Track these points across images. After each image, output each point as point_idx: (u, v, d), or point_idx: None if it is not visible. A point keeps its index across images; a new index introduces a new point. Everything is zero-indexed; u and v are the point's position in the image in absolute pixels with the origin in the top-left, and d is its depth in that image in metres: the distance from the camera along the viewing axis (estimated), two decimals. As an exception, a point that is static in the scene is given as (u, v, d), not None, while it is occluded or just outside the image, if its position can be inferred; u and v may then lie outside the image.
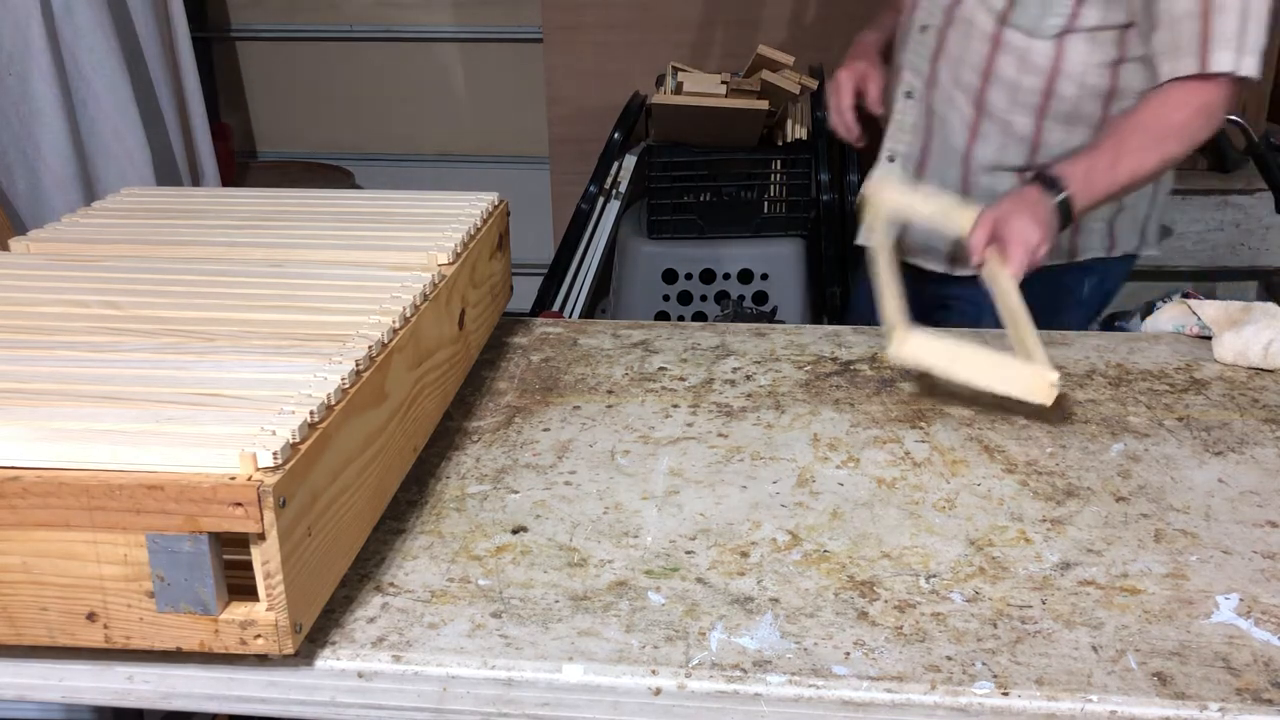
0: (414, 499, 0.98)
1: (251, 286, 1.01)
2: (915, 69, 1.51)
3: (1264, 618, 0.81)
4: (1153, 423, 1.12)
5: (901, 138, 1.54)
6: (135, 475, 0.70)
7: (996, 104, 1.45)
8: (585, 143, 2.94)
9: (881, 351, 1.30)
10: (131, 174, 2.12)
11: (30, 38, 1.94)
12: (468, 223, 1.19)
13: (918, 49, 1.50)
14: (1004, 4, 1.40)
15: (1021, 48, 1.41)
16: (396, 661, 0.77)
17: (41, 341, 0.89)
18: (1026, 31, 1.40)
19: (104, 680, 0.78)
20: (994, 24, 1.41)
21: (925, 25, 1.48)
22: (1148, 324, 1.39)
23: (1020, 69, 1.41)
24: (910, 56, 1.51)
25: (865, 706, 0.75)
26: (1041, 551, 0.90)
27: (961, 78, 1.46)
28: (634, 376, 1.24)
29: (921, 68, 1.50)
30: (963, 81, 1.46)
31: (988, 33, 1.42)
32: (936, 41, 1.47)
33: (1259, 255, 2.27)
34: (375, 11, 3.46)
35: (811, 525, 0.94)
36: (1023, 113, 1.44)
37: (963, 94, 1.46)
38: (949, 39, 1.46)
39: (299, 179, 3.18)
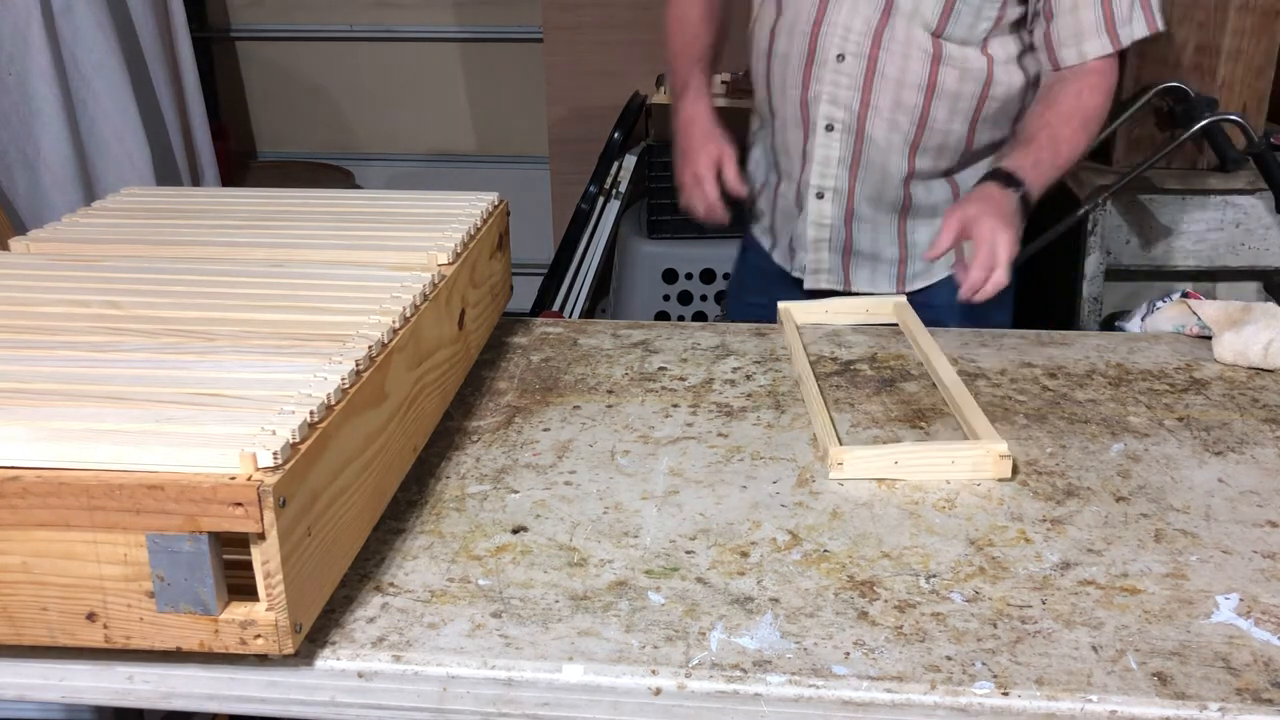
0: (414, 499, 0.98)
1: (251, 286, 1.01)
2: (835, 100, 1.44)
3: (1264, 618, 0.81)
4: (1153, 423, 1.12)
5: (829, 172, 1.48)
6: (135, 475, 0.70)
7: (938, 118, 1.43)
8: (585, 143, 2.94)
9: (882, 352, 1.30)
10: (131, 174, 2.12)
11: (30, 38, 1.94)
12: (468, 223, 1.19)
13: (835, 79, 1.43)
14: (938, 18, 1.38)
15: (959, 58, 1.40)
16: (396, 661, 0.77)
17: (42, 341, 0.89)
18: (961, 41, 1.40)
19: (104, 680, 0.78)
20: (929, 39, 1.39)
21: (842, 54, 1.41)
22: (1148, 324, 1.39)
23: (961, 79, 1.41)
24: (825, 88, 1.43)
25: (865, 706, 0.75)
26: (1041, 551, 0.90)
27: (903, 99, 1.42)
28: (634, 376, 1.24)
29: (843, 97, 1.43)
30: (904, 103, 1.42)
31: (926, 49, 1.39)
32: (864, 68, 1.41)
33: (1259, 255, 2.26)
34: (375, 11, 3.46)
35: (811, 525, 0.94)
36: (961, 120, 1.45)
37: (905, 115, 1.43)
38: (882, 62, 1.40)
39: (299, 179, 3.18)
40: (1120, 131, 2.29)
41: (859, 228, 1.52)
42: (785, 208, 1.57)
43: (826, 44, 1.42)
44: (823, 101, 1.44)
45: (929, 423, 1.12)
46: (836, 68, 1.42)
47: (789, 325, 1.34)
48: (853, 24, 1.40)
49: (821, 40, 1.42)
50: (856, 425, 1.12)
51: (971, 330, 1.37)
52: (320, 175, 3.29)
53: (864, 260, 1.54)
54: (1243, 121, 2.15)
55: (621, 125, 2.75)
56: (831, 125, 1.46)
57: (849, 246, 1.53)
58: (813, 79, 1.44)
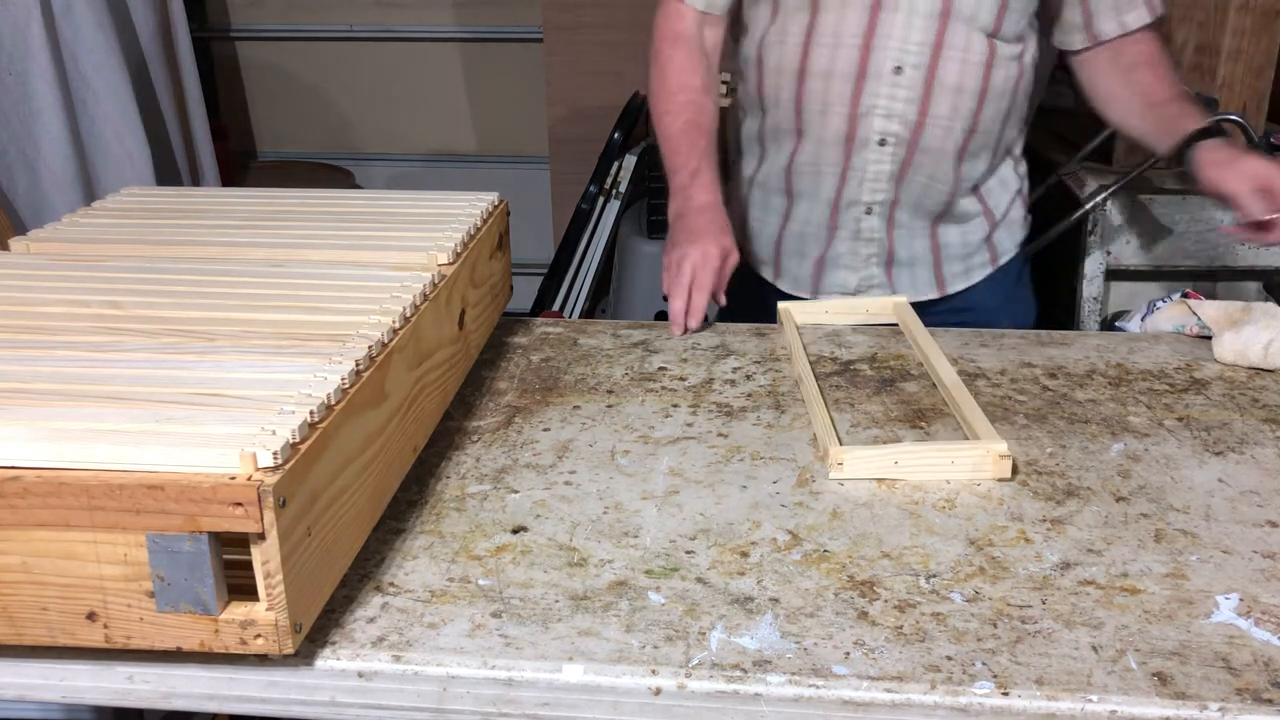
0: (414, 499, 0.98)
1: (251, 286, 1.01)
2: (890, 114, 1.39)
3: (1264, 618, 0.81)
4: (1153, 423, 1.12)
5: (879, 187, 1.44)
6: (135, 475, 0.70)
7: (986, 119, 1.42)
8: (585, 143, 2.94)
9: (882, 352, 1.30)
10: (131, 174, 2.12)
11: (30, 38, 1.94)
12: (468, 223, 1.19)
13: (892, 93, 1.38)
14: (994, 18, 1.36)
15: (1007, 56, 1.40)
16: (396, 661, 0.77)
17: (42, 341, 0.89)
18: (1009, 39, 1.39)
19: (104, 680, 0.78)
20: (985, 41, 1.37)
21: (899, 66, 1.36)
22: (1148, 324, 1.39)
23: (1006, 78, 1.41)
24: (880, 102, 1.38)
25: (865, 706, 0.75)
26: (1041, 551, 0.90)
27: (960, 106, 1.39)
28: (634, 376, 1.24)
29: (900, 110, 1.39)
30: (960, 110, 1.39)
31: (983, 51, 1.37)
32: (924, 78, 1.37)
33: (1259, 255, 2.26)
34: (375, 11, 3.47)
35: (811, 525, 0.94)
36: (1000, 120, 1.44)
37: (959, 122, 1.40)
38: (942, 71, 1.37)
39: (299, 179, 3.18)
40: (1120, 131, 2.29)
41: (898, 236, 1.48)
42: (805, 231, 1.51)
43: (881, 57, 1.36)
44: (876, 116, 1.39)
45: (929, 423, 1.12)
46: (893, 80, 1.37)
47: (789, 325, 1.34)
48: (909, 35, 1.35)
49: (875, 54, 1.36)
50: (856, 425, 1.12)
51: (971, 330, 1.37)
52: (320, 175, 3.29)
53: (903, 267, 1.51)
54: (1243, 121, 2.15)
55: (621, 125, 2.75)
56: (885, 140, 1.41)
57: (890, 257, 1.50)
58: (864, 93, 1.38)
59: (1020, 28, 1.39)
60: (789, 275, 1.55)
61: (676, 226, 1.41)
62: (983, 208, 1.51)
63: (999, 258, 1.55)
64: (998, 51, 1.38)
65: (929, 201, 1.46)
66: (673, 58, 1.49)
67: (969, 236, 1.51)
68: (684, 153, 1.44)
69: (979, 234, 1.52)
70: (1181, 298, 1.38)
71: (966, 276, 1.53)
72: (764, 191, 1.54)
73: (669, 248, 1.39)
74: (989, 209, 1.51)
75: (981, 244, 1.53)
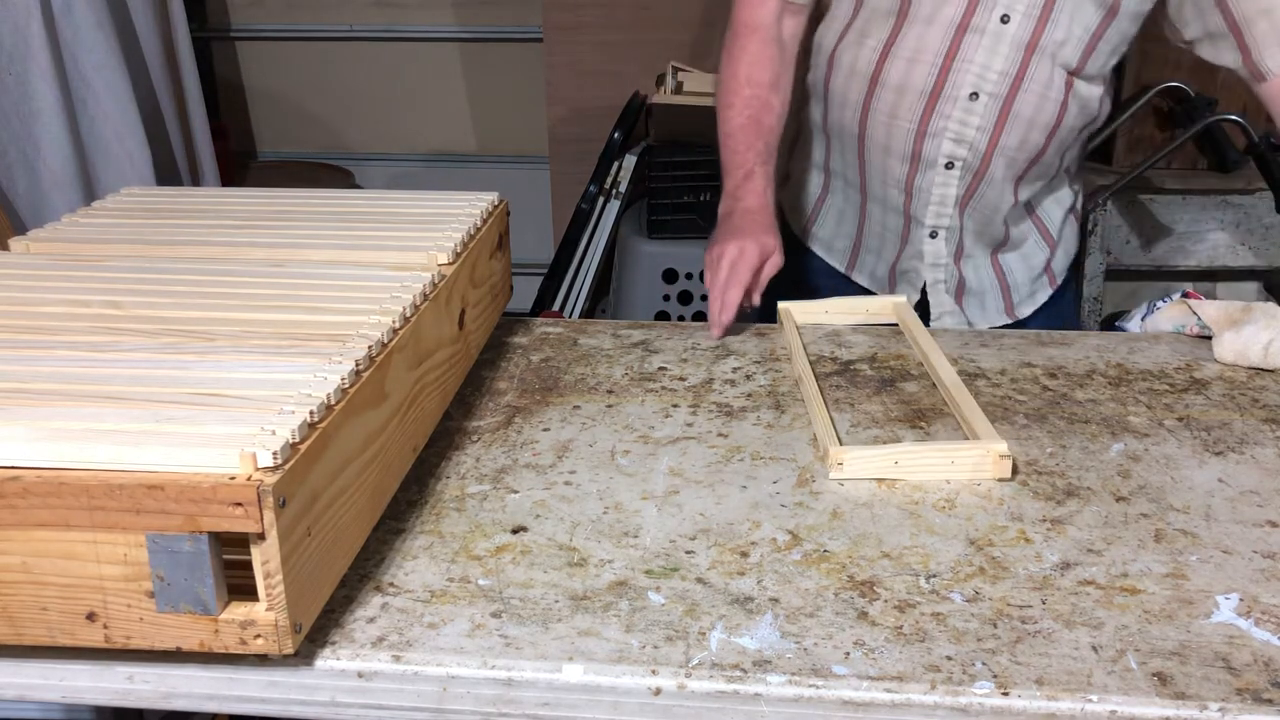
0: (414, 499, 0.98)
1: (251, 286, 1.01)
2: (961, 139, 1.37)
3: (1264, 618, 0.81)
4: (1153, 423, 1.12)
5: (945, 212, 1.42)
6: (135, 475, 0.70)
7: (1051, 154, 1.40)
8: (585, 143, 2.94)
9: (882, 352, 1.30)
10: (131, 174, 2.12)
11: (30, 38, 1.94)
12: (468, 223, 1.19)
13: (965, 118, 1.35)
14: (1079, 57, 1.33)
15: (1085, 95, 1.37)
16: (396, 661, 0.77)
17: (42, 341, 0.89)
18: (1089, 78, 1.36)
19: (104, 680, 0.78)
20: (1065, 77, 1.34)
21: (976, 93, 1.34)
22: (1148, 324, 1.39)
23: (1079, 114, 1.38)
24: (952, 125, 1.36)
25: (865, 706, 0.75)
26: (1041, 551, 0.90)
27: (1030, 139, 1.37)
28: (634, 376, 1.24)
29: (970, 136, 1.36)
30: (1029, 142, 1.37)
31: (1061, 88, 1.34)
32: (1000, 108, 1.34)
33: (1259, 255, 2.27)
34: (375, 11, 3.47)
35: (811, 525, 0.94)
36: (1059, 150, 1.42)
37: (1025, 153, 1.38)
38: (1019, 103, 1.34)
39: (299, 179, 3.18)
40: (1120, 131, 2.29)
41: (967, 264, 1.48)
42: (884, 234, 1.50)
43: (959, 80, 1.34)
44: (946, 139, 1.37)
45: (929, 423, 1.12)
46: (968, 106, 1.35)
47: (789, 325, 1.34)
48: (992, 62, 1.33)
49: (954, 76, 1.34)
50: (856, 425, 1.12)
51: (971, 330, 1.37)
52: (320, 175, 3.29)
53: (973, 296, 1.50)
54: (1243, 121, 2.15)
55: (621, 125, 2.75)
56: (952, 163, 1.39)
57: (961, 286, 1.48)
58: (935, 114, 1.36)
59: (1104, 69, 1.37)
60: (866, 270, 1.53)
61: (721, 225, 1.40)
62: (1041, 232, 1.50)
63: (1057, 278, 1.55)
64: (1075, 89, 1.35)
65: (991, 229, 1.45)
66: (745, 48, 1.44)
67: (1031, 261, 1.51)
68: (740, 152, 1.42)
69: (1041, 258, 1.52)
70: (1181, 298, 1.38)
71: (1032, 300, 1.53)
72: (843, 182, 1.51)
73: (710, 246, 1.38)
74: (1048, 233, 1.51)
75: (1043, 269, 1.53)
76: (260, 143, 3.67)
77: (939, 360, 1.21)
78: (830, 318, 1.39)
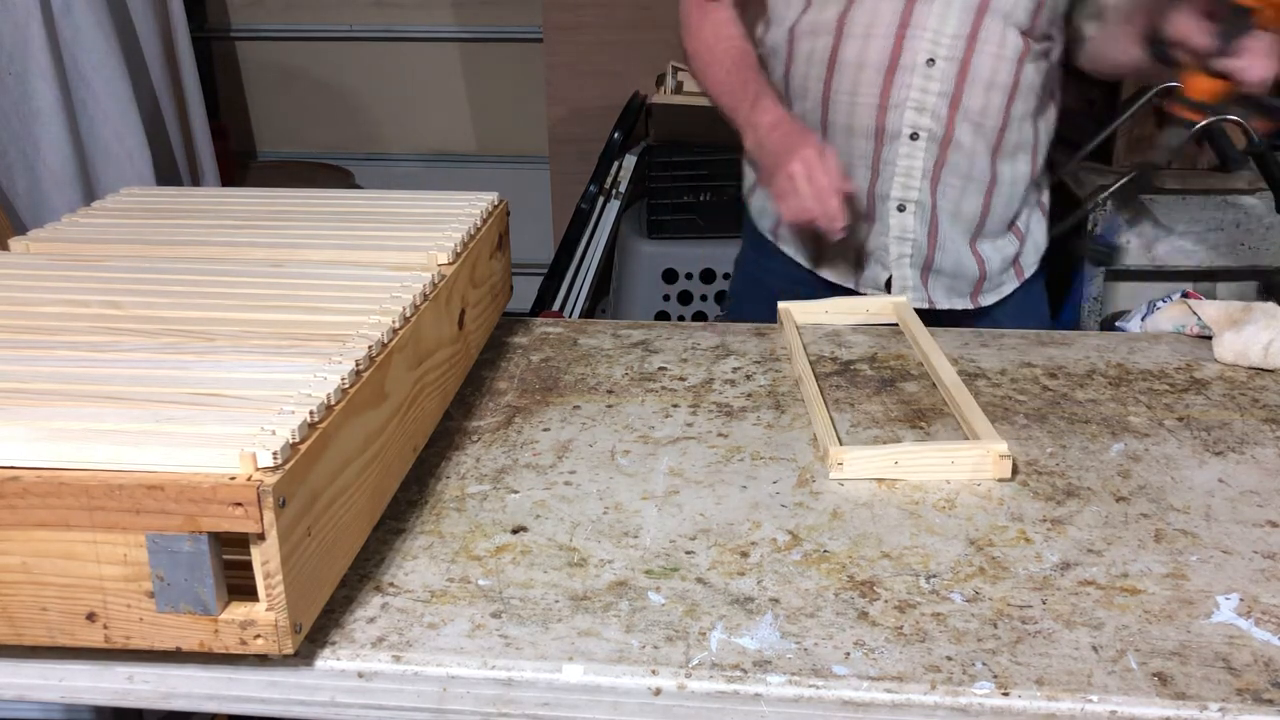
0: (414, 499, 0.98)
1: (251, 286, 1.01)
2: (922, 107, 1.38)
3: (1264, 618, 0.81)
4: (1153, 423, 1.12)
5: (911, 184, 1.43)
6: (135, 475, 0.70)
7: (1015, 116, 1.41)
8: (585, 143, 2.94)
9: (882, 352, 1.30)
10: (131, 174, 2.13)
11: (30, 38, 1.94)
12: (468, 223, 1.19)
13: (924, 85, 1.37)
14: (1030, 15, 1.35)
15: (1040, 52, 1.39)
16: (396, 661, 0.77)
17: (41, 341, 0.89)
18: (1042, 36, 1.38)
19: (104, 680, 0.78)
20: (1020, 37, 1.36)
21: (932, 58, 1.36)
22: (1148, 324, 1.39)
23: (1037, 73, 1.40)
24: (912, 94, 1.37)
25: (865, 706, 0.75)
26: (1041, 551, 0.90)
27: (991, 102, 1.38)
28: (634, 376, 1.24)
29: (931, 104, 1.38)
30: (991, 105, 1.39)
31: (1017, 47, 1.36)
32: (957, 71, 1.36)
33: (1259, 255, 2.26)
34: (375, 11, 3.47)
35: (811, 525, 0.94)
36: (1031, 118, 1.43)
37: (990, 118, 1.39)
38: (975, 65, 1.36)
39: (299, 179, 3.18)
40: (1120, 131, 2.29)
41: (940, 244, 1.47)
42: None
43: (915, 48, 1.36)
44: (907, 109, 1.38)
45: (929, 423, 1.12)
46: (926, 73, 1.36)
47: (789, 325, 1.34)
48: (944, 27, 1.34)
49: (909, 45, 1.36)
50: (856, 425, 1.12)
51: (971, 330, 1.37)
52: (320, 175, 3.29)
53: (944, 278, 1.50)
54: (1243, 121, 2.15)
55: (621, 125, 2.75)
56: (916, 134, 1.40)
57: (929, 263, 1.48)
58: (895, 85, 1.37)
59: (1054, 26, 1.40)
60: (830, 263, 1.53)
61: (761, 156, 1.39)
62: (1013, 224, 1.51)
63: (1025, 271, 1.56)
64: (1031, 48, 1.37)
65: (966, 207, 1.45)
66: (705, 18, 1.49)
67: (1004, 252, 1.52)
68: (737, 91, 1.43)
69: (1011, 250, 1.53)
70: (1181, 298, 1.38)
71: (998, 291, 1.54)
72: None
73: (765, 180, 1.36)
74: (1018, 225, 1.52)
75: (1011, 261, 1.54)
76: (260, 143, 3.67)
77: (939, 360, 1.21)
78: (830, 318, 1.39)
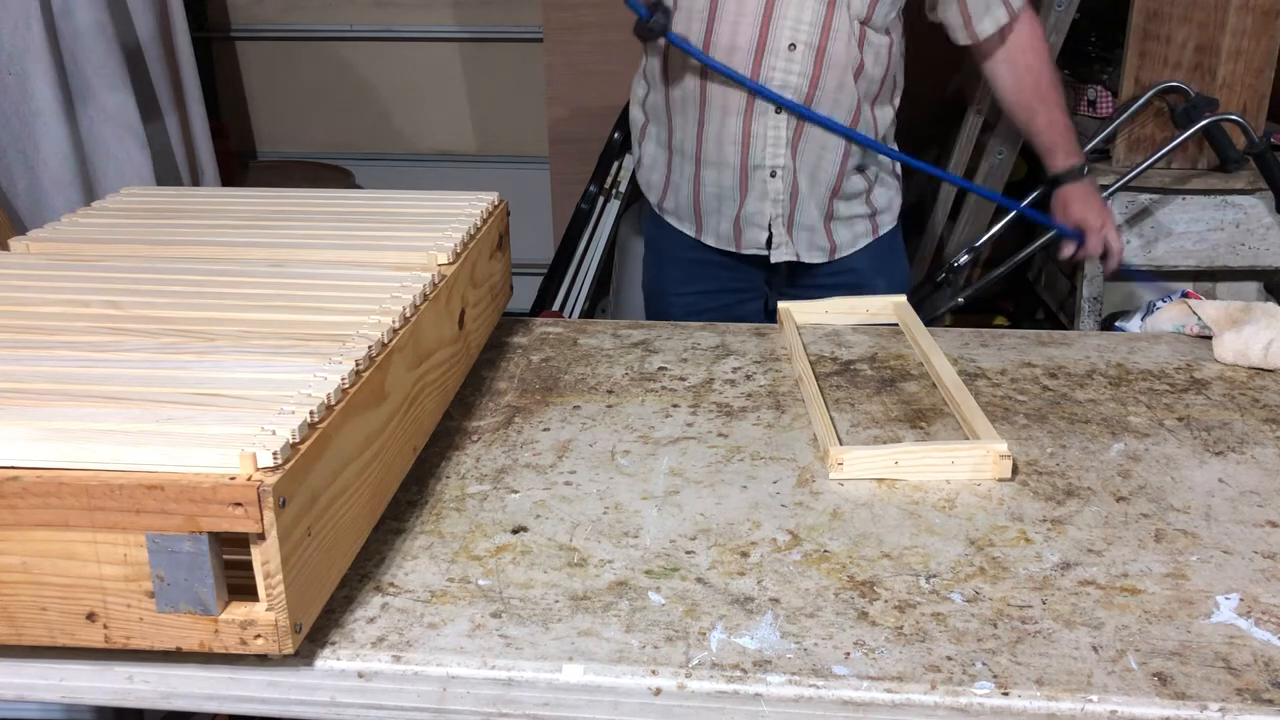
0: (414, 499, 0.98)
1: (251, 286, 1.01)
2: (785, 85, 1.56)
3: (1264, 618, 0.81)
4: (1153, 423, 1.12)
5: (779, 152, 1.60)
6: (135, 475, 0.70)
7: (864, 99, 1.60)
8: (585, 143, 2.94)
9: (882, 352, 1.30)
10: (131, 174, 2.12)
11: (30, 38, 1.94)
12: (468, 223, 1.19)
13: (787, 66, 1.55)
14: (867, 8, 1.54)
15: (876, 43, 1.57)
16: (396, 661, 0.77)
17: (41, 341, 0.89)
18: (878, 28, 1.57)
19: (104, 680, 0.78)
20: (859, 27, 1.54)
21: (794, 43, 1.53)
22: (1148, 324, 1.39)
23: (875, 62, 1.58)
24: (777, 75, 1.55)
25: (865, 706, 0.75)
26: (1041, 551, 0.90)
27: (844, 82, 1.57)
28: (634, 376, 1.24)
29: (793, 83, 1.56)
30: (845, 85, 1.57)
31: (854, 35, 1.55)
32: (814, 55, 1.54)
33: (1259, 255, 2.27)
34: (375, 11, 3.46)
35: (812, 525, 0.94)
36: (871, 100, 1.62)
37: (846, 97, 1.58)
38: (829, 49, 1.54)
39: (299, 179, 3.18)
40: (1120, 131, 2.29)
41: (801, 204, 1.64)
42: (718, 193, 1.66)
43: (778, 34, 1.54)
44: (773, 87, 1.56)
45: (929, 423, 1.12)
46: (788, 55, 1.54)
47: (789, 325, 1.34)
48: (802, 16, 1.53)
49: (773, 30, 1.54)
50: (856, 425, 1.12)
51: (972, 330, 1.37)
52: (320, 175, 3.29)
53: (804, 232, 1.66)
54: (1243, 121, 2.15)
55: (621, 125, 2.75)
56: (778, 109, 1.58)
57: (792, 221, 1.65)
58: (763, 66, 1.55)
59: (888, 21, 1.58)
60: (711, 231, 1.70)
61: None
62: (867, 185, 1.68)
63: (879, 229, 1.73)
64: (868, 37, 1.56)
65: (823, 172, 1.63)
66: None
67: (855, 209, 1.69)
68: None
69: (863, 207, 1.70)
70: (1181, 298, 1.38)
71: (853, 244, 1.70)
72: (680, 157, 1.68)
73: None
74: (871, 184, 1.69)
75: (867, 216, 1.71)
76: (260, 143, 3.66)
77: (939, 360, 1.21)
78: (830, 318, 1.39)
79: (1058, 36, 2.40)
